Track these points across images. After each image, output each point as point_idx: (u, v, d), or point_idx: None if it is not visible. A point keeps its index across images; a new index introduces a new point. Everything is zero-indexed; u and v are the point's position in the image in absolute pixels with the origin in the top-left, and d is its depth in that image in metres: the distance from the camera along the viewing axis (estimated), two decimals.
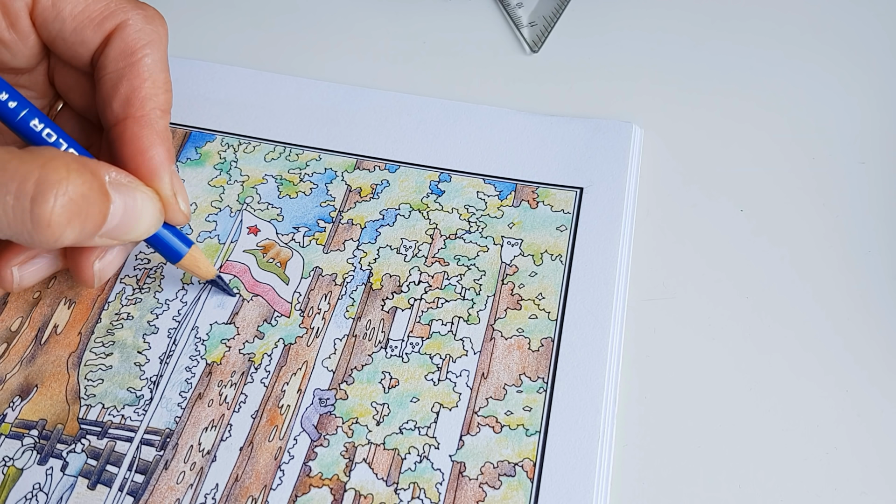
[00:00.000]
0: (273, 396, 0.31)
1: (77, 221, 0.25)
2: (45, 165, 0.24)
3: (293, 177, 0.36)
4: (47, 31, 0.29)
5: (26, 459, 0.29)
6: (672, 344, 0.32)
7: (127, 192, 0.27)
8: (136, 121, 0.29)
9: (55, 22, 0.29)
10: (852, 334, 0.32)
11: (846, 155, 0.38)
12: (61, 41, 0.30)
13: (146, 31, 0.30)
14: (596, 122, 0.38)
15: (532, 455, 0.29)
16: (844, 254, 0.34)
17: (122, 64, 0.29)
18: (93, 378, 0.31)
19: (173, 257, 0.31)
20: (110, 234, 0.27)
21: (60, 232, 0.25)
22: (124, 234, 0.27)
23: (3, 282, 0.29)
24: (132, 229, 0.28)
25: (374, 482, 0.29)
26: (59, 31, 0.29)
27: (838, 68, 0.41)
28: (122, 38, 0.29)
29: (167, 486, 0.29)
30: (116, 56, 0.29)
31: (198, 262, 0.31)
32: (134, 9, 0.30)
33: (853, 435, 0.30)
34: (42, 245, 0.25)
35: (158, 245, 0.30)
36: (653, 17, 0.43)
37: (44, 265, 0.29)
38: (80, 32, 0.29)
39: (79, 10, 0.29)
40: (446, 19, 0.43)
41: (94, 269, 0.29)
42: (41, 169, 0.24)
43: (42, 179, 0.24)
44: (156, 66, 0.30)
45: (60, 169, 0.24)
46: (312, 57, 0.42)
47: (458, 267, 0.34)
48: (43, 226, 0.24)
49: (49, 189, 0.24)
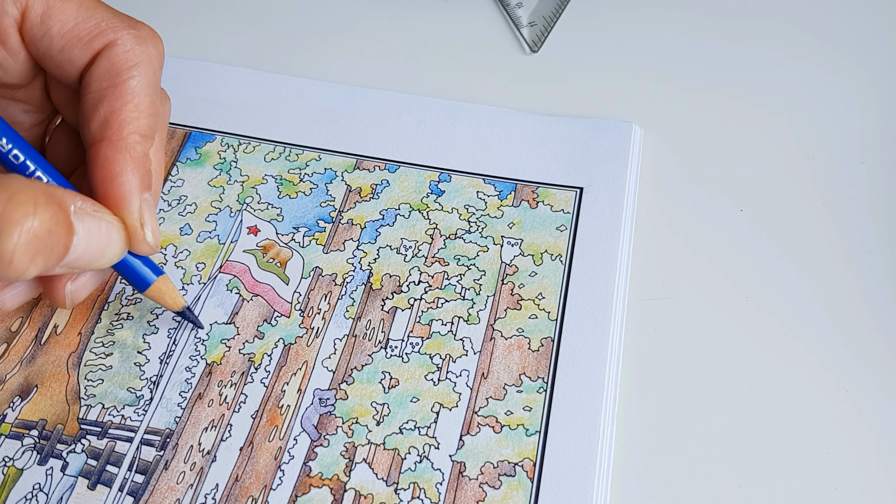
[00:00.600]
0: (273, 396, 0.31)
1: (41, 257, 0.24)
2: (11, 199, 0.23)
3: (293, 177, 0.36)
4: (36, 48, 0.29)
5: (26, 460, 0.29)
6: (672, 344, 0.32)
7: (91, 222, 0.26)
8: (111, 144, 0.28)
9: (43, 39, 0.28)
10: (852, 334, 0.32)
11: (846, 155, 0.38)
12: (49, 59, 0.29)
13: (135, 52, 0.29)
14: (596, 122, 0.38)
15: (532, 455, 0.29)
16: (844, 253, 0.34)
17: (105, 84, 0.28)
18: (93, 378, 0.31)
19: (140, 286, 0.30)
20: (71, 264, 0.26)
21: (24, 268, 0.24)
22: (87, 265, 0.27)
23: None
24: (95, 259, 0.27)
25: (375, 482, 0.29)
26: (48, 48, 0.28)
27: (838, 68, 0.41)
28: (109, 59, 0.28)
29: (167, 486, 0.29)
30: (101, 76, 0.28)
31: (164, 294, 0.30)
32: (125, 28, 0.29)
33: (853, 435, 0.30)
34: (6, 280, 0.24)
35: (125, 273, 0.29)
36: (652, 17, 0.43)
37: (23, 290, 0.29)
38: (67, 51, 0.28)
39: (67, 28, 0.28)
40: (446, 19, 0.43)
41: (66, 292, 0.28)
42: (6, 203, 0.23)
43: (6, 216, 0.23)
44: (141, 90, 0.28)
45: (27, 204, 0.23)
46: (312, 57, 0.42)
47: (458, 267, 0.34)
48: (5, 263, 0.23)
49: (13, 226, 0.23)
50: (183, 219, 0.35)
